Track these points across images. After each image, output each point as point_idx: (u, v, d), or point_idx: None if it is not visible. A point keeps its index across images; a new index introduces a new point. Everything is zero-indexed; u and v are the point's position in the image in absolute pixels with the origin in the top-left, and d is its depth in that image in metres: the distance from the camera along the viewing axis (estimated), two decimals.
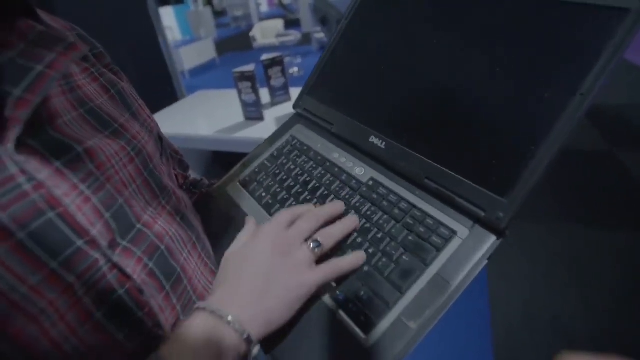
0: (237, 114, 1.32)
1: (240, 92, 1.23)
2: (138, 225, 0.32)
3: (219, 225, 0.47)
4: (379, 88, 0.47)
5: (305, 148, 0.50)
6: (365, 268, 0.35)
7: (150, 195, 0.35)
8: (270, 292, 0.31)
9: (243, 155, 0.55)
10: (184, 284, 0.34)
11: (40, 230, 0.24)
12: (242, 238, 0.37)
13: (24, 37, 0.28)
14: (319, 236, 0.35)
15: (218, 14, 13.84)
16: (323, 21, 0.99)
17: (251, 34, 5.90)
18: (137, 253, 0.30)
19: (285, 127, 0.56)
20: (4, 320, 0.23)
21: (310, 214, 0.37)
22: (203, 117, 1.43)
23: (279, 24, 6.14)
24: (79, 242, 0.26)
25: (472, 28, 0.40)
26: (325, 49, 0.56)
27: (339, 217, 0.39)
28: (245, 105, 1.25)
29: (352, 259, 0.35)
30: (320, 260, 0.35)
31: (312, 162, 0.48)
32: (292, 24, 8.05)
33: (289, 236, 0.35)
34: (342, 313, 0.33)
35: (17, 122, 0.25)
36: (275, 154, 0.52)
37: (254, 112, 1.26)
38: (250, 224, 0.39)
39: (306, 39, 6.56)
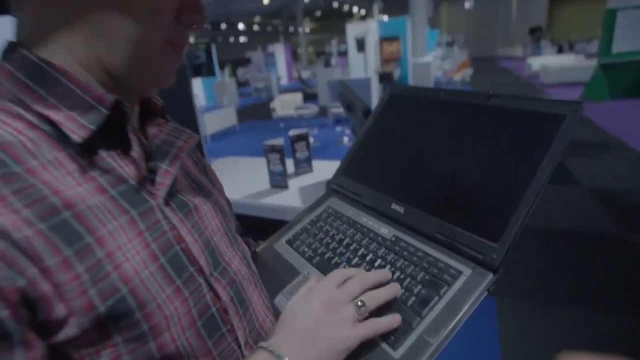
0: (263, 181, 1.45)
1: (269, 162, 1.37)
2: (223, 263, 0.42)
3: (271, 274, 0.56)
4: (398, 168, 0.59)
5: (339, 214, 0.61)
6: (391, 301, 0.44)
7: (228, 242, 0.45)
8: (318, 342, 0.37)
9: (266, 219, 0.65)
10: (250, 313, 0.43)
11: (172, 257, 0.35)
12: (303, 291, 0.44)
13: (164, 130, 0.41)
14: (364, 298, 0.40)
15: (240, 84, 14.97)
16: (348, 107, 1.14)
17: (272, 105, 6.36)
18: (222, 282, 0.40)
19: (321, 199, 0.68)
20: (151, 314, 0.32)
21: (359, 278, 0.42)
22: (231, 182, 1.56)
23: (298, 97, 6.63)
24: (192, 269, 0.37)
25: (466, 127, 0.54)
26: (355, 140, 0.70)
27: (384, 283, 0.44)
28: (272, 174, 1.38)
29: (390, 321, 0.40)
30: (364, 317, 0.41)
31: (345, 225, 0.59)
32: (310, 97, 8.64)
33: (338, 295, 0.40)
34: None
35: (164, 185, 0.37)
36: (314, 219, 0.63)
37: (280, 181, 1.38)
38: (312, 279, 0.46)
39: (323, 112, 7.00)
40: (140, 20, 0.33)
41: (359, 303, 0.40)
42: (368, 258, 0.51)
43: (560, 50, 16.06)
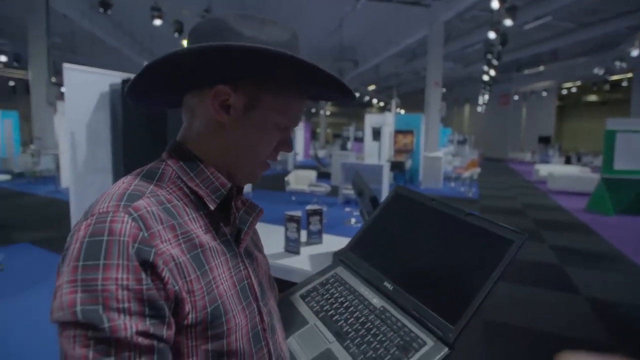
0: (278, 245, 1.65)
1: (286, 229, 1.59)
2: (266, 298, 0.60)
3: (286, 319, 0.71)
4: (392, 253, 0.77)
5: (344, 282, 0.78)
6: (373, 355, 0.60)
7: (268, 285, 0.64)
8: None
9: (277, 278, 0.81)
10: (275, 337, 0.60)
11: (243, 287, 0.54)
12: None
13: (244, 204, 0.61)
14: None
15: None
16: (359, 193, 1.38)
17: (286, 178, 6.72)
18: (264, 310, 0.58)
19: (331, 266, 0.86)
20: (229, 320, 0.49)
21: None
22: None
23: (312, 175, 7.01)
24: (251, 297, 0.55)
25: (445, 232, 0.71)
26: (362, 227, 0.89)
27: None
28: (288, 240, 1.59)
29: None
30: None
31: (347, 291, 0.75)
32: (323, 175, 9.05)
33: None
34: None
35: (244, 242, 0.57)
36: (324, 282, 0.80)
37: (293, 247, 1.58)
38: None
39: (334, 191, 7.30)
40: (257, 156, 0.57)
41: None
42: (361, 320, 0.66)
43: (568, 161, 16.71)
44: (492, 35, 9.12)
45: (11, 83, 17.19)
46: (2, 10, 10.83)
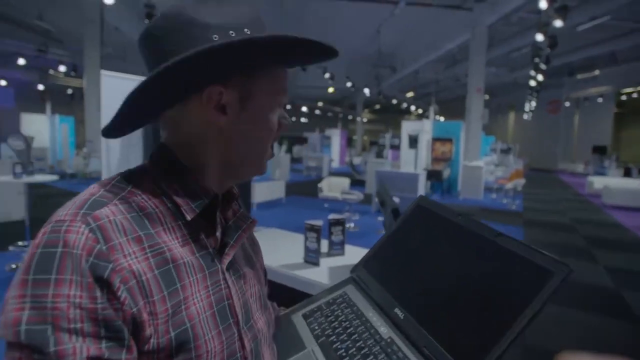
0: (297, 255, 1.57)
1: (306, 239, 1.51)
2: (251, 321, 0.53)
3: (282, 341, 0.65)
4: (408, 275, 0.67)
5: (352, 303, 0.70)
6: None
7: (259, 305, 0.57)
8: None
9: (293, 289, 0.74)
10: None
11: (221, 308, 0.48)
12: None
13: (235, 214, 0.55)
14: None
15: (294, 159, 15.87)
16: (382, 204, 1.28)
17: (319, 185, 6.67)
18: (248, 336, 0.51)
19: (341, 284, 0.77)
20: (199, 346, 0.43)
21: None
22: (271, 251, 1.69)
23: (345, 182, 6.91)
24: (231, 320, 0.48)
25: (471, 255, 0.60)
26: (378, 242, 0.80)
27: None
28: (307, 250, 1.51)
29: None
30: None
31: (353, 315, 0.67)
32: (357, 182, 8.92)
33: None
34: None
35: (229, 256, 0.51)
36: (330, 301, 0.72)
37: (313, 258, 1.50)
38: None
39: (367, 199, 7.16)
40: (266, 145, 0.53)
41: None
42: (363, 351, 0.58)
43: (627, 173, 15.23)
44: (539, 37, 8.60)
45: (69, 91, 18.58)
46: (63, 25, 11.75)
